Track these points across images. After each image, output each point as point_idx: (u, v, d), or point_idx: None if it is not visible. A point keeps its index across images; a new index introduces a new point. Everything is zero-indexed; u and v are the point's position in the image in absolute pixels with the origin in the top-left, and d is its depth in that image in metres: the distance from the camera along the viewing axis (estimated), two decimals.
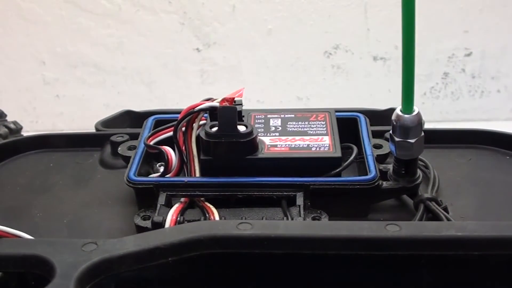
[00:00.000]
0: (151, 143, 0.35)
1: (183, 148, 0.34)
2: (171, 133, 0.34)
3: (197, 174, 0.34)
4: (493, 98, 0.84)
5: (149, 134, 0.36)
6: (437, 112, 0.84)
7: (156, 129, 0.36)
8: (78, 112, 0.83)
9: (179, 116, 0.34)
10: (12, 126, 0.45)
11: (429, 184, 0.35)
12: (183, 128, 0.34)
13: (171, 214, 0.31)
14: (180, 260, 0.26)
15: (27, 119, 0.82)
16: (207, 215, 0.32)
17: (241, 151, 0.33)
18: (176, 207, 0.32)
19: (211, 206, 0.32)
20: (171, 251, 0.26)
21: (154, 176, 0.35)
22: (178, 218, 0.31)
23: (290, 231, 0.27)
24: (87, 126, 0.46)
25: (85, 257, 0.25)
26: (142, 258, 0.26)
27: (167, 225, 0.30)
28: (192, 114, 0.34)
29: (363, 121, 0.37)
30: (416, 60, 0.30)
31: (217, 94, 0.36)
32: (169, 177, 0.34)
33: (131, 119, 0.46)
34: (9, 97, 0.83)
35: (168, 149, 0.35)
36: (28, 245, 0.27)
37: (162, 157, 0.34)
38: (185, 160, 0.34)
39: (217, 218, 0.32)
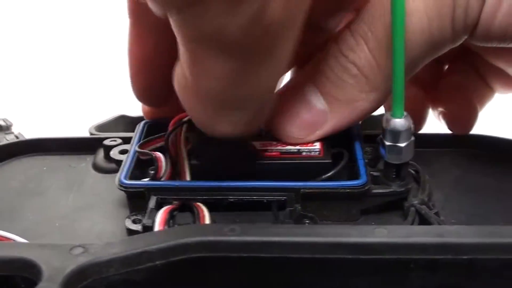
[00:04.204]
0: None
1: (174, 153, 0.34)
2: (162, 143, 0.35)
3: (188, 178, 0.34)
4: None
5: (141, 142, 0.36)
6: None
7: (148, 139, 0.36)
8: (72, 115, 0.83)
9: (169, 127, 0.35)
10: (1, 123, 0.45)
11: (420, 189, 0.35)
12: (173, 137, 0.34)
13: (161, 218, 0.31)
14: (168, 263, 0.26)
15: (19, 121, 0.82)
16: (197, 218, 0.32)
17: (232, 155, 0.33)
18: (165, 210, 0.32)
19: (203, 209, 0.32)
20: (159, 254, 0.26)
21: (145, 180, 0.35)
22: (168, 222, 0.31)
23: (279, 235, 0.27)
24: (81, 129, 0.46)
25: (73, 260, 0.25)
26: (130, 262, 0.26)
27: (156, 228, 0.30)
28: (180, 125, 0.34)
29: (354, 125, 0.37)
30: None
31: None
32: (160, 181, 0.34)
33: (126, 124, 0.46)
34: (1, 97, 0.83)
35: (158, 154, 0.35)
36: (15, 248, 0.27)
37: (153, 161, 0.34)
38: (176, 164, 0.34)
39: (207, 221, 0.32)
